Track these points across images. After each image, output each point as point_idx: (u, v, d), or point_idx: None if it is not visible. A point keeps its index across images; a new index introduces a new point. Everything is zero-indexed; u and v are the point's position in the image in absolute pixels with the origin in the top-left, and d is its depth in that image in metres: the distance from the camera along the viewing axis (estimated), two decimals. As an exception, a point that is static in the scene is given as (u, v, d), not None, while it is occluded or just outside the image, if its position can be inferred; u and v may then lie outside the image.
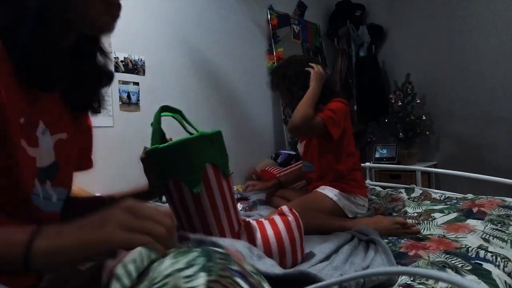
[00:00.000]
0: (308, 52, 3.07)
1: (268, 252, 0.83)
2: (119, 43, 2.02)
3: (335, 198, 1.39)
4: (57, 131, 0.62)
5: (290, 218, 0.91)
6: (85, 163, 0.78)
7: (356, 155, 1.55)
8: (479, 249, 0.99)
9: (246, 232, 0.85)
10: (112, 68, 0.68)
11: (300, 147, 1.71)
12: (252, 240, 0.83)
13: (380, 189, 1.90)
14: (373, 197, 1.75)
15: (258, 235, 0.85)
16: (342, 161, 1.47)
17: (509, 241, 1.04)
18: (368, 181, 2.08)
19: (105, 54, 0.67)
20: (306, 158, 1.64)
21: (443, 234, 1.15)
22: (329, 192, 1.42)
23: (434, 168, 2.74)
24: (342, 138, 1.45)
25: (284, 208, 0.94)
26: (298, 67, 1.50)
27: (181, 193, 0.77)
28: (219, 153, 0.82)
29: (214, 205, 0.78)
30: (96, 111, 0.70)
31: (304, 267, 0.94)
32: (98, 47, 0.66)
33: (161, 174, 0.78)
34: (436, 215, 1.37)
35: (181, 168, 0.75)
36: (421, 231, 1.19)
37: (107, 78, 0.69)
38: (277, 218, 0.91)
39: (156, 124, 0.81)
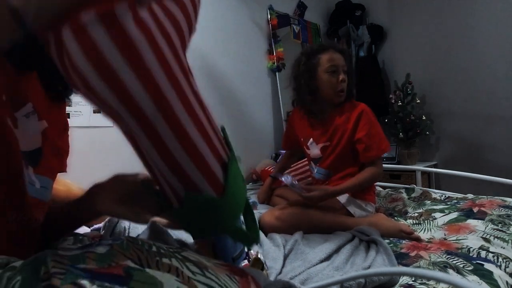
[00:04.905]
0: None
1: None
2: (119, 43, 2.02)
3: (347, 204, 1.36)
4: (44, 118, 0.59)
5: None
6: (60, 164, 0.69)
7: None
8: (480, 250, 0.98)
9: None
10: None
11: (315, 148, 1.49)
12: None
13: (380, 189, 1.90)
14: (374, 197, 1.75)
15: None
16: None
17: (510, 241, 1.04)
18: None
19: None
20: (323, 164, 1.48)
21: (444, 236, 1.15)
22: (341, 196, 1.37)
23: (434, 168, 2.73)
24: None
25: None
26: (305, 60, 1.42)
27: None
28: None
29: None
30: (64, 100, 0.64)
31: (305, 266, 0.94)
32: None
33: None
34: (437, 215, 1.37)
35: None
36: (422, 234, 1.19)
37: None
38: None
39: None
